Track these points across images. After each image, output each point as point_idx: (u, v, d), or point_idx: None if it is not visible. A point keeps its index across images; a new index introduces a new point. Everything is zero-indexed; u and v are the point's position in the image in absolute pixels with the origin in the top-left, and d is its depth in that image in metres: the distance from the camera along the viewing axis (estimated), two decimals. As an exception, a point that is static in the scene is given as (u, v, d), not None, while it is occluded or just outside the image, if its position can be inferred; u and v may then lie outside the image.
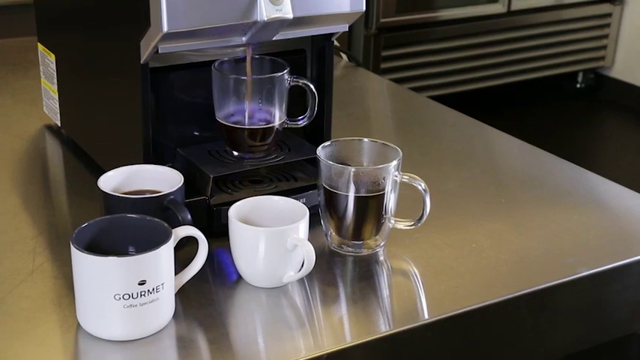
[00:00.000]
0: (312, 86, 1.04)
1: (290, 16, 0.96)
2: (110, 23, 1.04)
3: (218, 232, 0.97)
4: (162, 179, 0.97)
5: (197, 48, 0.98)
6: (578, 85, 4.09)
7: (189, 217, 0.90)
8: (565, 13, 3.75)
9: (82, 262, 0.79)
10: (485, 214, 1.09)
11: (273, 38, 1.01)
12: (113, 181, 0.96)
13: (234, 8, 0.94)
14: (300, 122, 1.07)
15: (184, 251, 0.89)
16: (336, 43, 1.11)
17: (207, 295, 0.89)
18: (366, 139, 1.01)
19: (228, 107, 1.03)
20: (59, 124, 1.26)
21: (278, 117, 1.04)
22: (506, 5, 3.57)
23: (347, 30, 1.06)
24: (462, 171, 1.22)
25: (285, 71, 1.03)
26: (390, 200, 0.97)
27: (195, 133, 1.10)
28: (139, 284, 0.79)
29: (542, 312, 0.95)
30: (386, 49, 3.37)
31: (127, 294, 0.79)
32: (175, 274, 0.85)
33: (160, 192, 0.94)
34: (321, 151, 0.98)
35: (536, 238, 1.03)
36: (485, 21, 3.55)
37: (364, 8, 1.02)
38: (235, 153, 1.06)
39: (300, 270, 0.89)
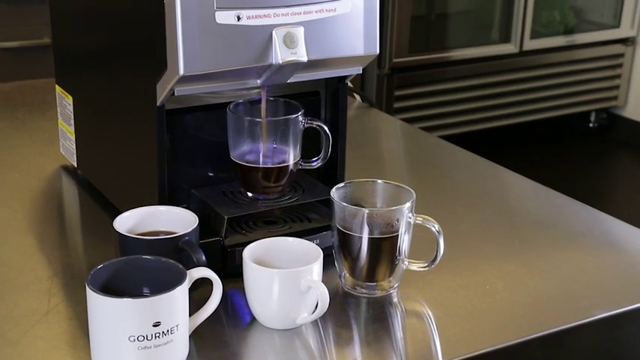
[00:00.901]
0: (326, 128, 1.05)
1: (304, 59, 0.97)
2: (127, 66, 1.05)
3: (232, 272, 0.98)
4: (177, 220, 0.97)
5: (212, 90, 0.99)
6: (591, 125, 4.09)
7: (203, 258, 0.91)
8: (577, 54, 3.76)
9: (97, 303, 0.80)
10: (499, 256, 1.09)
11: (288, 81, 1.02)
12: (128, 222, 0.96)
13: (250, 52, 0.95)
14: (315, 164, 1.08)
15: (199, 292, 0.89)
16: (349, 83, 1.12)
17: (221, 337, 0.89)
18: (379, 181, 1.02)
19: (243, 148, 1.04)
20: (75, 165, 1.27)
21: (292, 158, 1.05)
22: (518, 45, 3.59)
23: (361, 72, 1.07)
24: (475, 212, 1.22)
25: (300, 113, 1.04)
26: (404, 242, 0.97)
27: (210, 174, 1.11)
28: (154, 326, 0.79)
29: (556, 355, 0.94)
30: (399, 89, 3.39)
31: (141, 335, 0.79)
32: (190, 316, 0.85)
33: (174, 233, 0.94)
34: (334, 193, 0.98)
35: (550, 280, 1.03)
36: (498, 61, 3.57)
37: (378, 51, 1.03)
38: (250, 194, 1.06)
39: (313, 312, 0.89)
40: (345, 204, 0.96)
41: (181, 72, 0.92)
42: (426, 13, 3.63)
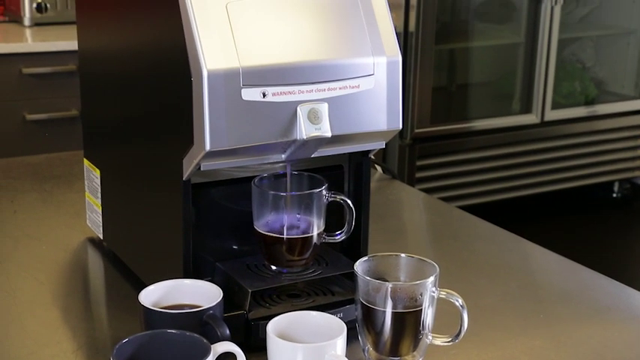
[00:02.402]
0: (349, 202, 1.06)
1: (328, 134, 0.99)
2: (154, 140, 1.08)
3: (256, 346, 0.98)
4: (201, 293, 0.98)
5: (238, 165, 1.01)
6: (614, 195, 4.07)
7: (227, 332, 0.91)
8: (599, 124, 3.77)
9: (122, 377, 0.80)
10: (524, 330, 1.08)
11: (312, 155, 1.03)
12: (153, 295, 0.97)
13: (275, 127, 0.97)
14: (338, 237, 1.08)
15: (222, 367, 0.89)
16: (372, 155, 1.14)
17: (244, 412, 0.89)
18: (403, 255, 1.02)
19: (268, 220, 1.06)
20: (101, 237, 1.28)
21: (316, 230, 1.06)
22: (539, 116, 3.61)
23: (384, 147, 1.09)
24: (498, 285, 1.22)
25: (323, 187, 1.05)
26: (428, 316, 0.97)
27: (234, 247, 1.11)
28: (178, 401, 0.79)
29: None
30: (421, 159, 3.40)
31: (165, 410, 0.79)
32: (213, 390, 0.85)
33: (199, 306, 0.95)
34: (358, 267, 0.99)
35: (576, 355, 1.02)
36: (519, 131, 3.59)
37: (401, 126, 1.05)
38: (274, 267, 1.07)
39: (337, 387, 0.89)
40: (368, 278, 0.96)
41: (207, 148, 0.94)
42: (447, 84, 3.68)
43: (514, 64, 3.67)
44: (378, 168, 1.76)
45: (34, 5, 3.06)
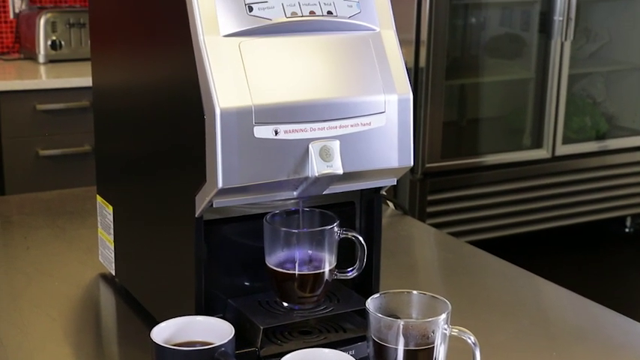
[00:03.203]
0: (361, 239, 1.06)
1: (340, 171, 0.99)
2: (167, 177, 1.08)
3: (267, 384, 0.98)
4: (213, 330, 0.98)
5: (250, 202, 1.01)
6: (627, 230, 4.05)
7: (239, 369, 0.91)
8: (610, 159, 3.77)
9: (134, 415, 0.80)
10: (537, 368, 1.08)
11: (324, 192, 1.04)
12: (165, 332, 0.97)
13: (287, 165, 0.98)
14: (350, 274, 1.08)
15: (234, 405, 0.89)
16: (383, 191, 1.14)
17: None
18: (414, 292, 1.02)
19: (279, 257, 1.06)
20: (113, 273, 1.29)
21: (328, 267, 1.06)
22: (550, 151, 3.61)
23: (395, 184, 1.09)
24: (510, 322, 1.21)
25: (335, 224, 1.06)
26: (440, 353, 0.96)
27: (246, 283, 1.12)
28: None
29: None
30: (432, 194, 3.40)
31: None
32: None
33: (211, 343, 0.95)
34: (370, 303, 0.98)
35: (590, 393, 1.01)
36: (530, 166, 3.59)
37: (412, 164, 1.05)
38: (285, 304, 1.07)
39: None
40: (380, 315, 0.96)
41: (220, 185, 0.94)
42: (457, 119, 3.69)
43: (525, 99, 3.68)
44: (390, 204, 1.76)
45: (49, 42, 3.10)
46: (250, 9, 0.97)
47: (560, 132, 3.60)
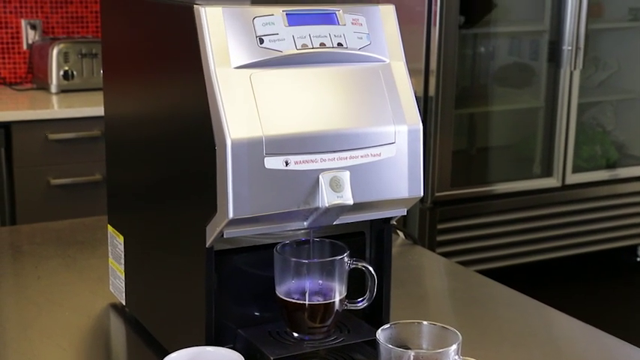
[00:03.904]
0: (371, 269, 1.06)
1: (350, 202, 1.00)
2: (178, 208, 1.09)
3: (277, 415, 0.97)
4: (223, 361, 0.98)
5: (260, 232, 1.02)
6: (638, 259, 4.03)
7: (249, 400, 0.91)
8: (620, 188, 3.76)
9: None
10: (548, 399, 1.07)
11: (334, 222, 1.04)
12: (176, 363, 0.97)
13: (297, 195, 0.98)
14: (360, 305, 1.08)
15: None
16: (392, 221, 1.14)
17: None
18: (425, 322, 1.02)
19: (290, 287, 1.06)
20: (124, 303, 1.29)
21: (338, 296, 1.06)
22: (560, 179, 3.60)
23: (405, 214, 1.09)
24: (521, 353, 1.21)
25: (345, 255, 1.06)
26: (451, 385, 0.96)
27: (256, 314, 1.12)
28: None
29: None
30: (442, 222, 3.40)
31: None
32: None
33: (221, 374, 0.95)
34: (380, 334, 0.98)
35: None
36: (540, 195, 3.58)
37: (422, 194, 1.06)
38: (295, 334, 1.07)
39: None
40: (391, 346, 0.96)
41: (231, 216, 0.95)
42: (467, 148, 3.69)
43: (534, 128, 3.69)
44: (400, 233, 1.76)
45: (61, 73, 3.13)
46: (261, 41, 0.98)
47: (570, 160, 3.60)
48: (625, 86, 3.98)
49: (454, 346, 0.96)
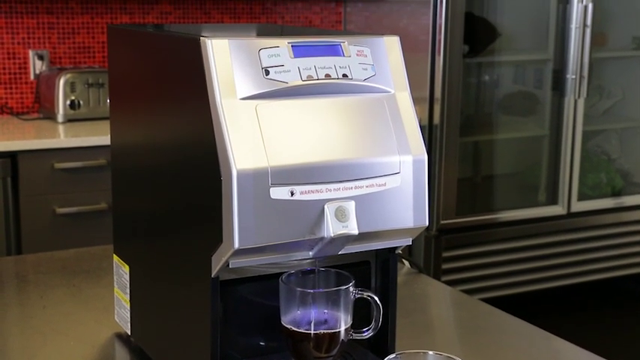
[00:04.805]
0: (376, 299, 1.06)
1: (355, 232, 1.00)
2: (183, 238, 1.09)
3: None
4: (228, 391, 0.98)
5: (266, 262, 1.02)
6: (646, 288, 4.02)
7: None
8: (626, 216, 3.75)
9: None
10: None
11: (339, 252, 1.04)
12: (181, 393, 0.97)
13: (302, 225, 0.98)
14: (365, 334, 1.08)
15: None
16: (398, 251, 1.14)
17: None
18: (430, 352, 1.01)
19: (295, 316, 1.06)
20: (129, 333, 1.29)
21: (343, 327, 1.06)
22: (566, 207, 3.60)
23: (410, 243, 1.09)
24: (528, 383, 1.20)
25: (350, 284, 1.06)
26: (457, 415, 0.96)
27: (262, 344, 1.11)
28: None
29: None
30: (447, 250, 3.40)
31: None
32: None
33: (226, 405, 0.94)
34: (386, 364, 0.98)
35: None
36: (546, 222, 3.58)
37: (427, 224, 1.06)
38: (301, 365, 1.07)
39: None
40: (396, 376, 0.96)
41: (236, 246, 0.95)
42: (472, 176, 3.69)
43: (539, 156, 3.69)
44: (405, 262, 1.76)
45: (68, 102, 3.14)
46: (267, 72, 0.99)
47: (575, 188, 3.60)
48: (629, 114, 3.99)
49: (460, 377, 0.95)
